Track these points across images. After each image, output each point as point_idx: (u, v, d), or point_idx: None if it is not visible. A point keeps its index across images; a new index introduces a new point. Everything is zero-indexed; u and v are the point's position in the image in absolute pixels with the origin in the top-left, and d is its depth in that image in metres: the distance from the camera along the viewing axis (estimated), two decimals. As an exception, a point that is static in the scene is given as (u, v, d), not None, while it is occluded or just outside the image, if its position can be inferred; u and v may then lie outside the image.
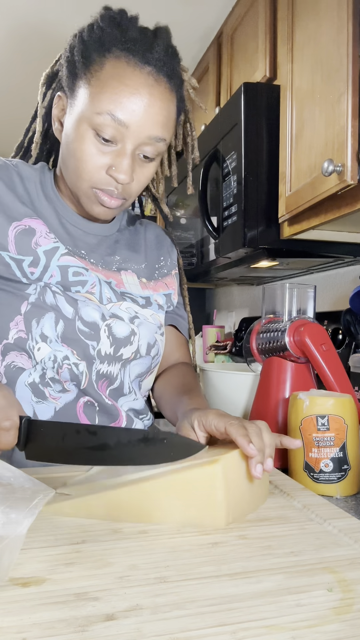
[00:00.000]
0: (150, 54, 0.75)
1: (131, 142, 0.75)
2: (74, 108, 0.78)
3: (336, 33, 1.09)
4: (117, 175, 0.76)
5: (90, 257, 0.88)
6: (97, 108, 0.74)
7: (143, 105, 0.74)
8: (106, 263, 0.89)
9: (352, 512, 0.67)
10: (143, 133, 0.75)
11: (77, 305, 0.82)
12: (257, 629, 0.38)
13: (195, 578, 0.45)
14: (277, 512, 0.62)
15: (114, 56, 0.74)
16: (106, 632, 0.37)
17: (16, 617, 0.39)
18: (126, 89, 0.73)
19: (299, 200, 1.23)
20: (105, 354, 0.84)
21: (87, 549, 0.51)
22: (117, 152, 0.76)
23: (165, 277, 0.98)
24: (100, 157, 0.76)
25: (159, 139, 0.77)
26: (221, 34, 1.85)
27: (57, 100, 0.82)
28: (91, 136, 0.75)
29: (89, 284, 0.84)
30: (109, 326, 0.84)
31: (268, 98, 1.40)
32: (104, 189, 0.78)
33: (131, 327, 0.87)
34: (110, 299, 0.86)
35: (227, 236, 1.52)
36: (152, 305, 0.92)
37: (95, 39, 0.75)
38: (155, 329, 0.91)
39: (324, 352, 0.88)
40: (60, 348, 0.81)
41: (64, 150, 0.81)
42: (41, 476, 0.72)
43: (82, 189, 0.79)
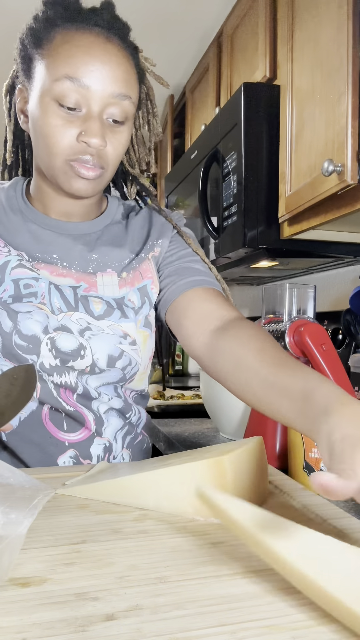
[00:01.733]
0: (98, 17, 0.75)
1: (96, 103, 0.74)
2: (33, 89, 0.77)
3: (336, 33, 1.09)
4: (89, 139, 0.73)
5: (64, 260, 0.84)
6: (54, 75, 0.73)
7: (99, 63, 0.73)
8: (82, 264, 0.84)
9: (352, 512, 0.67)
10: (105, 91, 0.74)
11: (17, 319, 0.78)
12: (257, 629, 0.38)
13: (195, 578, 0.45)
14: (277, 512, 0.62)
15: (61, 28, 0.75)
16: (106, 632, 0.37)
17: (16, 617, 0.39)
18: (79, 49, 0.73)
19: (299, 200, 1.23)
20: (51, 367, 0.79)
21: (87, 549, 0.51)
22: (84, 117, 0.74)
23: (142, 263, 0.87)
24: (68, 127, 0.74)
25: (123, 96, 0.75)
26: (221, 34, 1.85)
27: (17, 94, 0.81)
28: (55, 108, 0.74)
29: (39, 295, 0.80)
30: (52, 339, 0.79)
31: (268, 98, 1.40)
32: (79, 158, 0.75)
33: (79, 340, 0.80)
34: (60, 309, 0.80)
35: (227, 236, 1.52)
36: (113, 313, 0.82)
37: (41, 21, 0.76)
38: (116, 340, 0.81)
39: (324, 352, 0.88)
40: (4, 363, 0.78)
41: (33, 134, 0.79)
42: (41, 476, 0.72)
43: (57, 166, 0.76)
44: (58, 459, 0.81)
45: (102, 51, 0.74)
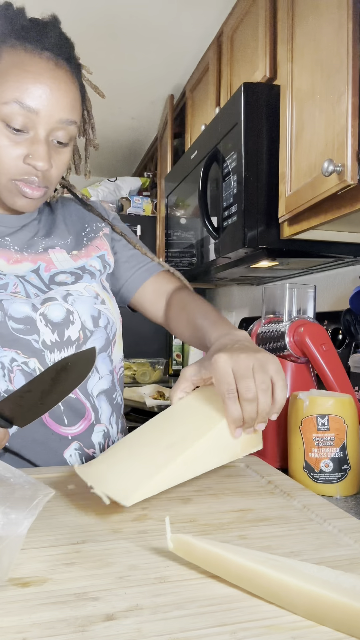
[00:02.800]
0: (46, 39, 0.76)
1: (43, 127, 0.75)
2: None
3: (336, 33, 1.09)
4: (35, 162, 0.75)
5: (15, 244, 0.86)
6: (3, 98, 0.73)
7: (49, 89, 0.74)
8: (31, 245, 0.88)
9: (352, 512, 0.67)
10: (53, 117, 0.75)
11: (2, 305, 0.79)
12: (257, 629, 0.38)
13: (195, 578, 0.45)
14: (277, 512, 0.62)
15: (9, 45, 0.75)
16: (106, 632, 0.37)
17: (16, 617, 0.39)
18: (29, 75, 0.74)
19: (299, 200, 1.23)
20: (52, 342, 0.82)
21: (87, 549, 0.51)
22: (30, 140, 0.76)
23: (94, 240, 0.95)
24: (15, 148, 0.76)
25: (69, 122, 0.77)
26: (221, 34, 1.85)
27: None
28: (2, 128, 0.75)
29: (11, 285, 0.82)
30: (44, 314, 0.82)
31: (268, 98, 1.40)
32: (25, 179, 0.77)
33: (66, 306, 0.84)
34: (36, 294, 0.84)
35: (227, 236, 1.52)
36: (83, 277, 0.89)
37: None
38: (92, 300, 0.87)
39: (324, 352, 0.88)
40: (3, 353, 0.79)
41: None
42: (41, 476, 0.72)
43: (2, 183, 0.78)
44: (64, 453, 0.82)
45: (51, 78, 0.75)
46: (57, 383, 0.62)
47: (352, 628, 0.37)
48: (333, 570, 0.42)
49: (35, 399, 0.63)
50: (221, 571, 0.44)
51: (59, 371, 0.62)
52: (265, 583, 0.41)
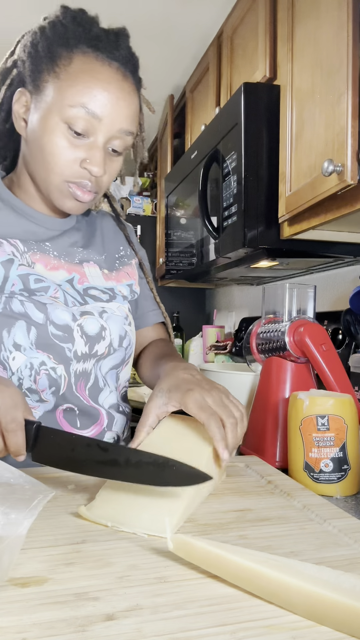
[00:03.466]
0: (117, 51, 0.78)
1: (103, 134, 0.77)
2: (41, 103, 0.77)
3: (336, 33, 1.09)
4: (91, 167, 0.77)
5: (54, 249, 0.87)
6: (70, 101, 0.75)
7: (115, 98, 0.76)
8: (69, 255, 0.89)
9: (352, 512, 0.67)
10: (114, 126, 0.77)
11: (46, 310, 0.81)
12: (257, 629, 0.38)
13: (195, 578, 0.45)
14: (277, 512, 0.62)
15: (81, 51, 0.76)
16: (106, 632, 0.37)
17: (16, 617, 0.39)
18: (98, 82, 0.75)
19: (299, 200, 1.23)
20: (82, 354, 0.84)
21: (87, 549, 0.51)
22: (89, 145, 0.77)
23: (125, 267, 0.97)
24: (73, 151, 0.77)
25: (128, 132, 0.79)
26: (221, 34, 1.85)
27: (18, 96, 0.81)
28: (63, 129, 0.76)
29: (52, 289, 0.84)
30: (81, 325, 0.84)
31: (268, 98, 1.40)
32: (78, 182, 0.79)
33: (101, 322, 0.87)
34: (74, 302, 0.86)
35: (227, 236, 1.52)
36: (116, 297, 0.92)
37: (60, 35, 0.76)
38: (122, 320, 0.91)
39: (324, 352, 0.88)
40: (36, 355, 0.80)
41: (31, 145, 0.80)
42: (41, 476, 0.72)
43: (54, 184, 0.79)
44: None
45: (119, 89, 0.77)
46: (135, 467, 0.58)
47: (352, 628, 0.37)
48: (333, 570, 0.42)
49: (92, 456, 0.60)
50: (221, 571, 0.44)
51: (154, 463, 0.58)
52: (265, 583, 0.41)
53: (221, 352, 2.30)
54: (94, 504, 0.59)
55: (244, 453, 0.95)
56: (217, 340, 2.41)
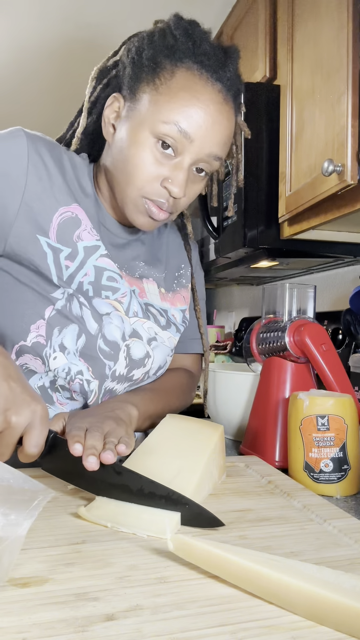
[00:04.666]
0: (223, 72, 0.74)
1: (191, 156, 0.74)
2: (134, 112, 0.75)
3: (336, 33, 1.09)
4: (171, 188, 0.74)
5: (116, 260, 0.85)
6: (164, 117, 0.72)
7: (211, 121, 0.73)
8: (130, 268, 0.87)
9: (352, 512, 0.67)
10: (204, 149, 0.74)
11: (102, 322, 0.80)
12: (257, 629, 0.38)
13: (195, 578, 0.45)
14: (277, 512, 0.62)
15: (185, 67, 0.73)
16: (106, 632, 0.37)
17: (16, 617, 0.39)
18: (197, 102, 0.72)
19: (299, 200, 1.23)
20: (119, 375, 0.83)
21: (87, 549, 0.51)
22: (175, 165, 0.74)
23: (182, 289, 0.95)
24: (157, 167, 0.74)
25: (217, 158, 0.77)
26: (221, 34, 1.85)
27: (111, 101, 0.79)
28: (152, 144, 0.73)
29: (120, 293, 0.82)
30: (128, 347, 0.83)
31: (268, 98, 1.40)
32: (155, 199, 0.76)
33: (147, 349, 0.85)
34: (136, 314, 0.84)
35: (227, 236, 1.52)
36: (171, 327, 0.90)
37: (168, 46, 0.74)
38: (168, 352, 0.90)
39: (324, 352, 0.88)
40: (77, 362, 0.78)
41: (116, 153, 0.78)
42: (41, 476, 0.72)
43: (131, 197, 0.77)
44: None
45: (216, 112, 0.73)
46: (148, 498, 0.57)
47: (352, 628, 0.37)
48: (333, 571, 0.42)
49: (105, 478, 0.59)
50: (221, 571, 0.44)
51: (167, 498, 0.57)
52: (265, 583, 0.41)
53: (221, 352, 2.30)
54: (93, 504, 0.59)
55: (244, 453, 0.95)
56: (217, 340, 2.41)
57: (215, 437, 0.71)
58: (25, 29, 2.02)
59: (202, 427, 0.73)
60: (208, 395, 1.13)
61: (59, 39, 2.07)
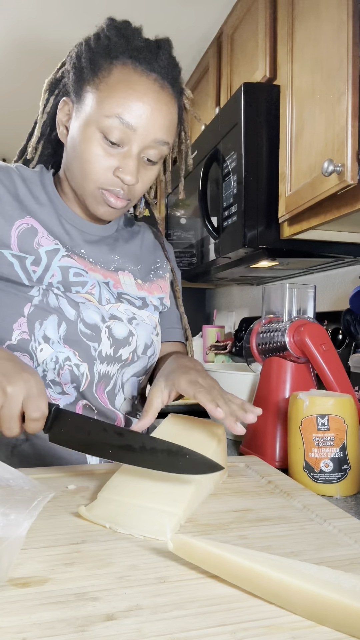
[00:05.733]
0: (156, 62, 0.79)
1: (137, 144, 0.78)
2: (80, 112, 0.80)
3: (336, 33, 1.09)
4: (123, 176, 0.79)
5: (90, 256, 0.89)
6: (106, 111, 0.76)
7: (150, 109, 0.77)
8: (105, 262, 0.91)
9: (352, 512, 0.67)
10: (149, 136, 0.78)
11: (78, 307, 0.83)
12: (257, 629, 0.38)
13: (195, 578, 0.45)
14: (277, 512, 0.62)
15: (121, 63, 0.78)
16: (106, 632, 0.37)
17: (16, 617, 0.39)
18: (134, 93, 0.76)
19: (299, 200, 1.23)
20: (106, 355, 0.86)
21: (87, 549, 0.51)
22: (123, 154, 0.79)
23: (159, 280, 0.99)
24: (108, 159, 0.79)
25: (163, 143, 0.80)
26: (221, 34, 1.85)
27: (62, 105, 0.84)
28: (99, 138, 0.78)
29: (89, 285, 0.86)
30: (109, 327, 0.86)
31: (268, 98, 1.40)
32: (111, 189, 0.81)
33: (129, 327, 0.89)
34: (109, 300, 0.88)
35: (227, 236, 1.52)
36: (148, 306, 0.94)
37: (102, 47, 0.78)
38: (151, 330, 0.93)
39: (324, 352, 0.88)
40: (62, 349, 0.82)
41: (70, 152, 0.83)
42: (41, 476, 0.72)
43: (88, 190, 0.82)
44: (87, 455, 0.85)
45: (155, 100, 0.78)
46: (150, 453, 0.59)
47: (352, 628, 0.37)
48: (333, 571, 0.42)
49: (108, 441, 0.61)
50: (221, 571, 0.44)
51: (168, 451, 0.59)
52: (265, 583, 0.41)
53: (221, 352, 2.30)
54: (94, 504, 0.59)
55: (244, 453, 0.95)
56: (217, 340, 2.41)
57: (217, 437, 0.71)
58: (25, 28, 2.02)
59: (203, 427, 0.73)
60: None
61: (59, 39, 2.08)
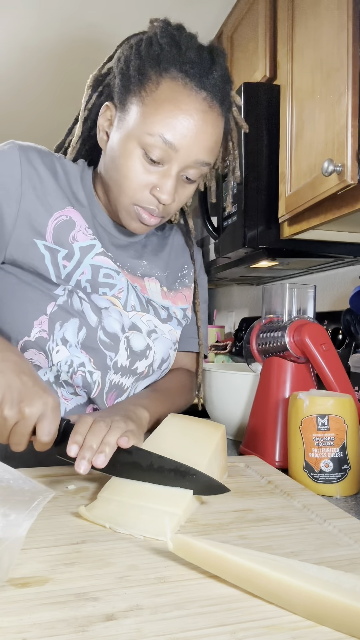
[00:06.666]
0: (207, 79, 0.75)
1: (178, 164, 0.76)
2: (123, 123, 0.78)
3: (336, 33, 1.09)
4: (160, 195, 0.77)
5: (118, 259, 0.88)
6: (149, 129, 0.74)
7: (195, 130, 0.75)
8: (132, 267, 0.89)
9: (352, 512, 0.67)
10: (190, 157, 0.76)
11: (101, 314, 0.82)
12: (257, 629, 0.38)
13: (195, 578, 0.45)
14: (277, 512, 0.62)
15: (170, 77, 0.74)
16: (106, 632, 0.37)
17: (16, 617, 0.39)
18: (180, 113, 0.74)
19: (299, 200, 1.23)
20: (121, 366, 0.84)
21: (87, 549, 0.51)
22: (162, 173, 0.77)
23: (184, 289, 0.97)
24: (146, 176, 0.77)
25: (204, 164, 0.78)
26: (221, 34, 1.85)
27: (104, 109, 0.81)
28: (139, 155, 0.76)
29: (117, 288, 0.85)
30: (128, 339, 0.85)
31: (268, 98, 1.40)
32: (146, 207, 0.79)
33: (147, 341, 0.87)
34: (134, 307, 0.86)
35: (227, 236, 1.52)
36: (172, 320, 0.92)
37: (153, 56, 0.75)
38: (170, 345, 0.91)
39: (324, 352, 0.88)
40: (79, 354, 0.81)
41: (109, 162, 0.81)
42: (41, 476, 0.72)
43: (123, 204, 0.80)
44: None
45: (201, 120, 0.75)
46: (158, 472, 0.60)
47: (352, 628, 0.37)
48: (333, 571, 0.42)
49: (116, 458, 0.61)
50: (221, 571, 0.44)
51: (175, 470, 0.59)
52: (265, 583, 0.41)
53: (221, 352, 2.30)
54: (94, 504, 0.59)
55: (244, 453, 0.95)
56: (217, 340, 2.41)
57: (217, 437, 0.71)
58: (25, 28, 2.02)
59: (203, 427, 0.73)
60: (208, 395, 1.13)
61: (59, 39, 2.07)
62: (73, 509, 0.60)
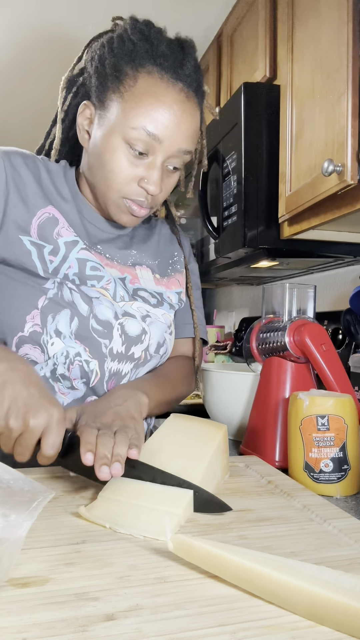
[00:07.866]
0: (181, 70, 0.78)
1: (162, 155, 0.79)
2: (104, 120, 0.79)
3: (336, 33, 1.09)
4: (147, 186, 0.79)
5: (107, 252, 0.89)
6: (132, 123, 0.76)
7: (176, 120, 0.77)
8: (122, 257, 0.91)
9: (352, 512, 0.67)
10: (174, 147, 0.79)
11: (92, 303, 0.83)
12: (257, 629, 0.38)
13: (195, 578, 0.45)
14: (277, 512, 0.62)
15: (146, 71, 0.77)
16: (106, 632, 0.37)
17: (16, 617, 0.39)
18: (161, 105, 0.76)
19: (299, 200, 1.23)
20: (117, 352, 0.85)
21: (87, 549, 0.51)
22: (148, 165, 0.79)
23: (177, 274, 0.99)
24: (132, 169, 0.79)
25: (186, 152, 0.81)
26: (221, 34, 1.85)
27: (82, 108, 0.83)
28: (124, 149, 0.78)
29: (105, 280, 0.86)
30: (122, 325, 0.86)
31: (268, 98, 1.40)
32: (135, 199, 0.81)
33: (143, 325, 0.88)
34: (123, 298, 0.88)
35: (227, 236, 1.52)
36: (164, 304, 0.93)
37: (127, 52, 0.77)
38: (165, 328, 0.92)
39: (324, 352, 0.88)
40: (73, 344, 0.82)
41: (93, 160, 0.83)
42: (41, 476, 0.72)
43: (112, 199, 0.82)
44: None
45: (181, 111, 0.78)
46: None
47: (352, 628, 0.37)
48: (333, 571, 0.42)
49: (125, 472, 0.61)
50: (221, 571, 0.44)
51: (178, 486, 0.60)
52: (265, 583, 0.41)
53: (221, 352, 2.30)
54: (94, 504, 0.59)
55: (244, 453, 0.95)
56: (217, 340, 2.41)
57: (219, 437, 0.71)
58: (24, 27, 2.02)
59: (205, 427, 0.73)
60: (208, 395, 1.13)
61: (58, 38, 2.07)
62: (73, 509, 0.61)
